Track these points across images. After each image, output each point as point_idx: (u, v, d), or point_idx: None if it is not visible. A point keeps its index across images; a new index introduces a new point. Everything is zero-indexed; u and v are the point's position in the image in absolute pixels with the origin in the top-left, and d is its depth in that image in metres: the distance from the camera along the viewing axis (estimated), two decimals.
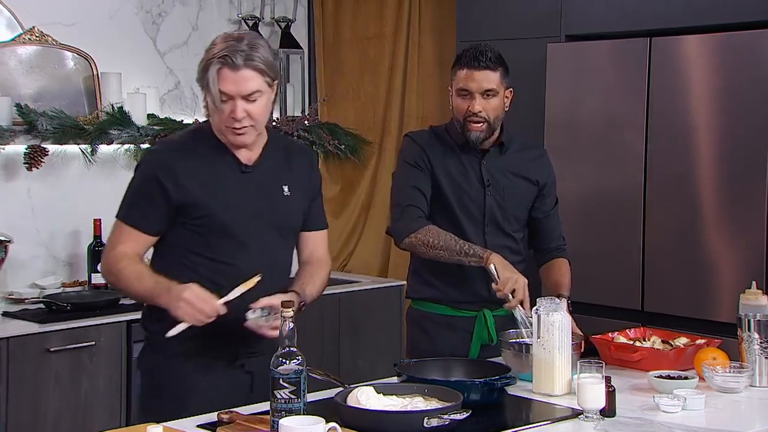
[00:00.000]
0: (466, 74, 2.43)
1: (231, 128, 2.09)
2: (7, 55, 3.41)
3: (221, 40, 2.11)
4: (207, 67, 2.07)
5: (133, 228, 2.12)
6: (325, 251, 2.34)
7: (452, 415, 1.83)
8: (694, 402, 2.06)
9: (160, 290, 2.05)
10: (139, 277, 2.08)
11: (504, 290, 2.34)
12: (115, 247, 2.12)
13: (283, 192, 2.20)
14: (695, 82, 3.02)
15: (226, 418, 1.91)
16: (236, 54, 2.05)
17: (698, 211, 3.01)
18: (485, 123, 2.45)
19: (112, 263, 2.12)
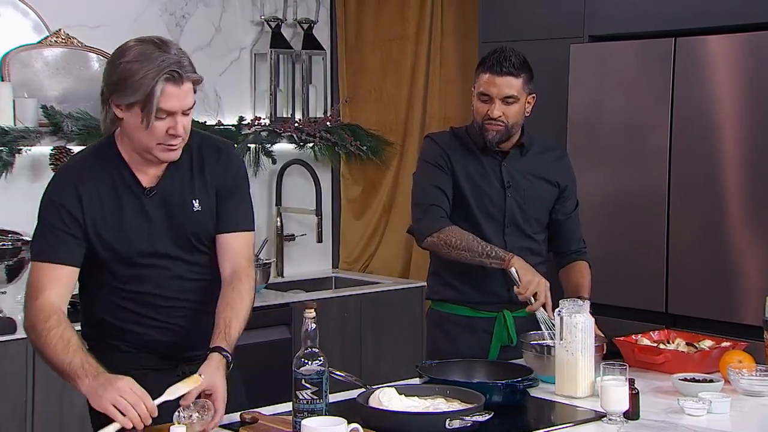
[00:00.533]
0: (488, 79, 2.43)
1: (166, 145, 1.93)
2: (33, 58, 3.45)
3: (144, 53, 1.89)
4: (144, 84, 1.86)
5: (50, 263, 1.92)
6: (246, 260, 2.06)
7: (474, 417, 1.82)
8: (720, 405, 2.04)
9: (86, 372, 1.81)
10: (67, 346, 1.85)
11: (526, 293, 2.34)
12: (38, 295, 1.90)
13: (193, 207, 2.01)
14: (720, 83, 2.99)
15: (249, 418, 1.92)
16: (180, 67, 1.89)
17: (723, 212, 2.99)
18: (503, 126, 2.45)
19: (36, 317, 1.88)
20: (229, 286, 2.04)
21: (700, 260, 3.04)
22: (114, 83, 1.91)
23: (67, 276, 1.94)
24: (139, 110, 1.89)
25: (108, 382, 1.79)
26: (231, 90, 3.98)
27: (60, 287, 1.93)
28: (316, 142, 4.08)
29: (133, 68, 1.88)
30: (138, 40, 1.95)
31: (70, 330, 1.89)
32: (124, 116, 1.93)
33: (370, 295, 3.84)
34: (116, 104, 1.92)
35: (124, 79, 1.89)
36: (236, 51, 4.00)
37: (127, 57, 1.90)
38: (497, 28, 3.58)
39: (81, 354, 1.85)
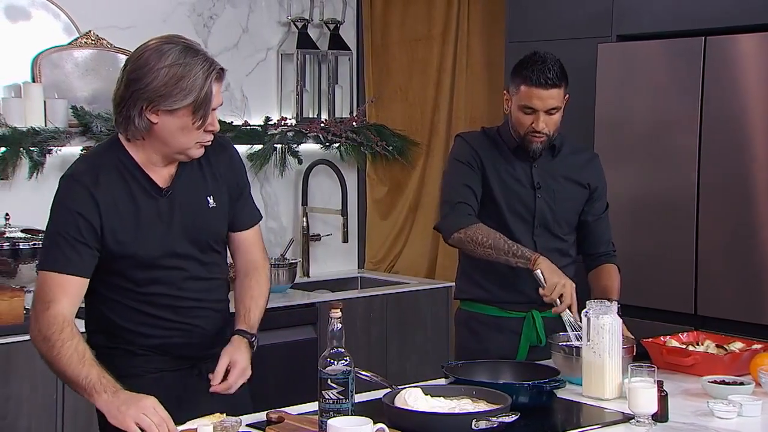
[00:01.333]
0: (532, 92, 2.40)
1: (202, 142, 1.94)
2: (64, 59, 3.49)
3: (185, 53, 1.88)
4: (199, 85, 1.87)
5: (62, 274, 1.87)
6: (260, 251, 2.12)
7: (501, 418, 1.82)
8: (751, 408, 2.02)
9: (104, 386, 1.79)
10: (83, 360, 1.82)
11: (551, 296, 2.32)
12: (49, 306, 1.85)
13: (208, 204, 2.01)
14: (751, 82, 2.95)
15: (275, 417, 1.92)
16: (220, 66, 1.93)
17: (753, 212, 2.95)
18: (546, 137, 2.45)
19: (49, 329, 1.84)
20: (246, 277, 2.09)
21: (729, 261, 3.00)
22: (157, 89, 1.86)
23: (78, 287, 1.90)
24: (189, 111, 1.88)
25: (131, 400, 1.77)
26: (257, 90, 4.00)
27: (71, 298, 1.89)
28: (342, 143, 4.09)
29: (180, 72, 1.87)
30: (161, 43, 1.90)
31: (83, 343, 1.86)
32: (161, 121, 1.89)
33: (396, 296, 3.84)
34: (156, 110, 1.88)
35: (174, 83, 1.86)
36: (263, 51, 4.02)
37: (167, 62, 1.87)
38: (524, 28, 3.57)
39: (97, 369, 1.82)
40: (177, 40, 1.93)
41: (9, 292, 2.97)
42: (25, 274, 3.09)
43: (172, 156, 1.96)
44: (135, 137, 1.94)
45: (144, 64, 1.88)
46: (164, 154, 1.96)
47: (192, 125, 1.90)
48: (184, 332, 2.00)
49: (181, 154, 1.96)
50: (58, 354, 1.83)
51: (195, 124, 1.90)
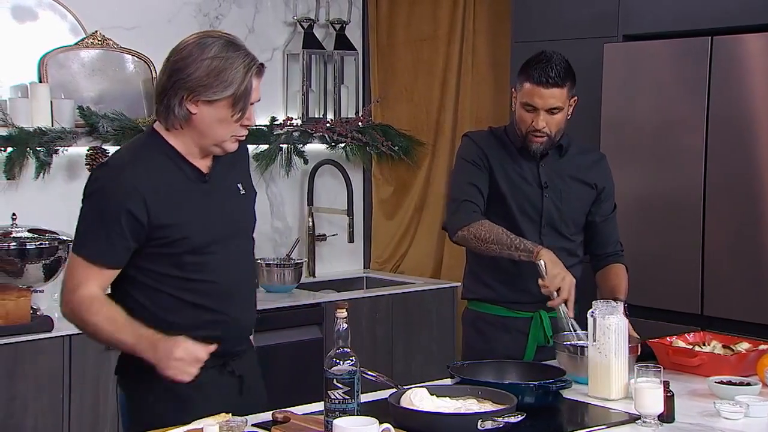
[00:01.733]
0: (534, 90, 2.40)
1: (237, 136, 2.00)
2: (70, 59, 3.50)
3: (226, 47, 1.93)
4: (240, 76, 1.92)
5: (96, 265, 1.92)
6: None
7: (506, 418, 1.82)
8: (758, 409, 2.01)
9: (144, 346, 1.89)
10: (116, 327, 1.91)
11: (550, 287, 2.32)
12: (77, 288, 1.92)
13: (240, 192, 2.09)
14: (758, 83, 2.94)
15: (281, 417, 1.92)
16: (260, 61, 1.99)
17: (759, 212, 2.94)
18: (547, 137, 2.44)
19: (80, 307, 1.92)
20: None
21: (736, 261, 2.99)
22: (199, 79, 1.91)
23: (107, 276, 1.96)
24: (229, 103, 1.93)
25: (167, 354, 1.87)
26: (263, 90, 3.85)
27: (99, 283, 1.95)
28: (348, 143, 4.09)
29: (222, 64, 1.92)
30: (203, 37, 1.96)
31: (113, 309, 1.93)
32: (200, 111, 1.94)
33: (402, 296, 3.84)
34: (195, 101, 1.93)
35: (215, 75, 1.91)
36: (269, 51, 4.02)
37: (210, 54, 1.92)
38: (530, 28, 3.56)
39: (131, 328, 1.91)
40: (218, 34, 1.99)
41: (16, 292, 2.98)
42: (31, 274, 3.10)
43: (208, 148, 2.01)
44: (174, 126, 1.98)
45: (187, 55, 1.93)
46: (201, 145, 2.00)
47: (230, 118, 1.95)
48: (221, 323, 2.02)
49: (217, 146, 2.00)
50: (93, 330, 1.94)
51: (233, 117, 1.95)
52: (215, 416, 1.84)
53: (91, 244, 1.94)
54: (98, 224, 1.93)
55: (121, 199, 1.92)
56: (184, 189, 1.99)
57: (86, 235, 1.95)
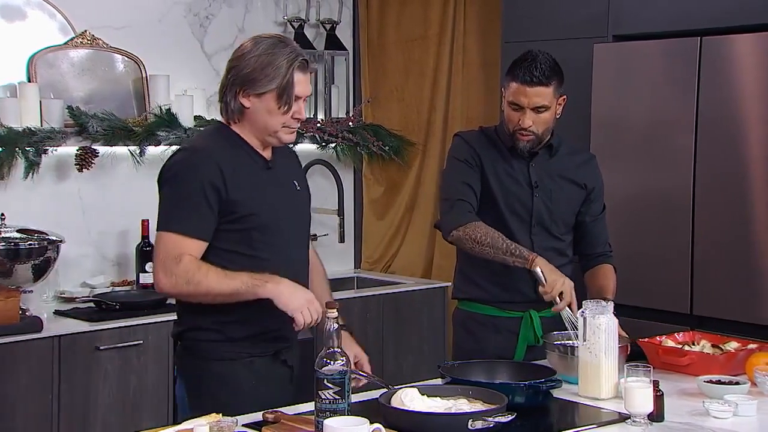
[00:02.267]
0: (519, 89, 2.42)
1: (289, 128, 2.17)
2: (59, 59, 3.48)
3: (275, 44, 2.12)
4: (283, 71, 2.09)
5: (192, 239, 2.06)
6: (313, 251, 2.37)
7: (497, 418, 1.82)
8: (746, 408, 2.02)
9: (261, 280, 2.04)
10: (228, 275, 2.05)
11: (551, 293, 2.33)
12: (181, 258, 2.05)
13: (296, 187, 2.27)
14: (747, 83, 2.96)
15: (271, 417, 1.92)
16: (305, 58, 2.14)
17: (749, 212, 2.96)
18: (533, 135, 2.45)
19: (188, 272, 2.04)
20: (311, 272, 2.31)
21: (725, 261, 3.01)
22: (246, 75, 2.10)
23: (199, 248, 2.08)
24: (274, 96, 2.11)
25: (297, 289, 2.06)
26: None
27: (196, 254, 2.08)
28: (339, 143, 4.08)
29: (267, 60, 2.10)
30: (257, 37, 2.16)
31: (218, 267, 2.06)
32: (252, 104, 2.12)
33: (392, 295, 3.84)
34: (247, 94, 2.11)
35: (261, 69, 2.10)
36: None
37: (257, 51, 2.11)
38: (520, 28, 3.57)
39: (244, 274, 2.05)
40: (272, 34, 2.19)
41: (5, 293, 2.96)
42: (21, 275, 3.08)
43: (265, 139, 2.17)
44: (233, 120, 2.17)
45: (240, 54, 2.14)
46: (258, 137, 2.17)
47: (278, 110, 2.12)
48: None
49: (272, 137, 2.17)
50: (207, 285, 2.05)
51: (280, 109, 2.12)
52: (206, 416, 1.84)
53: (181, 219, 2.07)
54: (184, 201, 2.08)
55: (202, 173, 2.08)
56: (252, 171, 2.16)
57: (173, 213, 2.09)
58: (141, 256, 3.49)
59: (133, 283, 3.54)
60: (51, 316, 3.18)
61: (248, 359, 2.14)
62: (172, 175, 2.11)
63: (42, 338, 2.96)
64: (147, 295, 3.38)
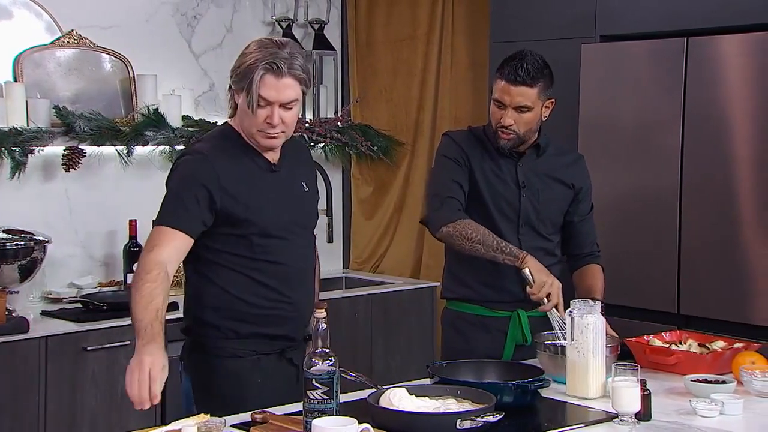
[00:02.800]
0: (503, 87, 2.43)
1: (264, 132, 2.14)
2: (46, 58, 3.47)
3: (262, 45, 2.12)
4: (249, 71, 2.09)
5: (172, 228, 2.08)
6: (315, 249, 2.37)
7: (485, 417, 1.82)
8: (733, 407, 2.03)
9: (142, 335, 1.98)
10: (147, 306, 2.00)
11: (539, 294, 2.33)
12: (152, 249, 2.07)
13: (304, 188, 2.26)
14: (733, 83, 2.97)
15: (260, 418, 1.92)
16: (280, 61, 2.08)
17: (735, 212, 2.97)
18: (514, 135, 2.46)
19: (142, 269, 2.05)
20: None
21: (712, 261, 3.02)
22: (233, 69, 2.14)
23: (181, 241, 2.08)
24: (244, 95, 2.11)
25: (139, 359, 1.95)
26: None
27: (173, 249, 2.07)
28: (327, 143, 4.08)
29: (246, 59, 2.11)
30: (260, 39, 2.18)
31: (160, 290, 2.01)
32: (240, 101, 2.14)
33: (381, 295, 3.84)
34: (236, 92, 2.15)
35: (238, 66, 2.12)
36: None
37: (248, 49, 2.13)
38: (508, 28, 3.58)
39: (151, 317, 1.99)
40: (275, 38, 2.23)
41: None
42: (7, 275, 3.07)
43: (250, 140, 2.17)
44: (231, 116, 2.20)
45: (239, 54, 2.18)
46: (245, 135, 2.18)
47: (248, 111, 2.11)
48: (285, 304, 2.16)
49: (252, 139, 2.17)
50: (135, 291, 2.03)
51: (250, 111, 2.10)
52: (194, 416, 1.84)
53: (168, 213, 2.11)
54: (177, 198, 2.12)
55: (199, 178, 2.11)
56: (255, 176, 2.16)
57: (165, 208, 2.13)
58: (128, 256, 3.48)
59: (120, 284, 3.53)
60: (38, 316, 3.17)
61: (255, 357, 2.16)
62: (172, 178, 2.17)
63: (29, 339, 2.94)
64: None
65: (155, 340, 1.97)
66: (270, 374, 2.17)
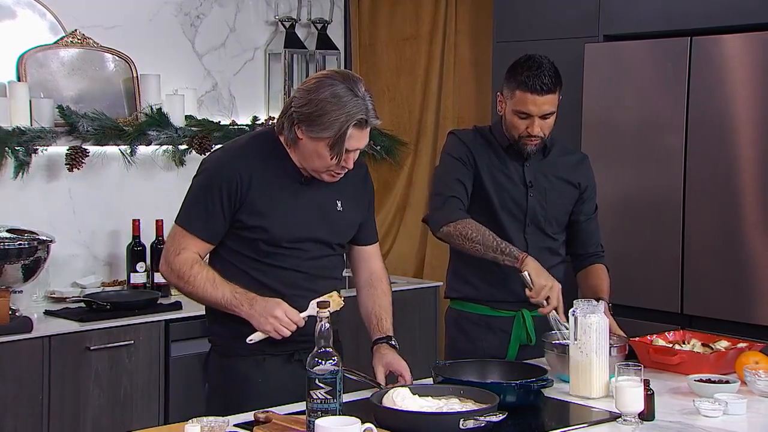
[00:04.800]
0: (528, 99, 2.40)
1: (334, 173, 2.14)
2: (50, 58, 3.47)
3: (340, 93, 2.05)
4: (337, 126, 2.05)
5: (198, 239, 2.14)
6: (381, 265, 2.36)
7: (488, 417, 1.82)
8: (736, 406, 2.03)
9: (240, 301, 2.09)
10: (214, 284, 2.12)
11: (538, 297, 2.33)
12: (179, 252, 2.14)
13: (336, 207, 2.22)
14: (737, 83, 2.97)
15: (263, 417, 1.92)
16: (367, 113, 2.08)
17: (739, 212, 2.97)
18: (541, 140, 2.46)
19: (181, 268, 2.13)
20: (370, 287, 2.33)
21: (715, 261, 3.02)
22: (305, 114, 2.08)
23: (205, 248, 2.17)
24: (326, 145, 2.08)
25: (265, 311, 2.07)
26: (245, 90, 3.99)
27: (197, 252, 2.16)
28: None
29: (326, 108, 2.06)
30: (330, 77, 2.10)
31: (212, 271, 2.14)
32: (304, 139, 2.10)
33: None
34: (302, 130, 2.09)
35: (318, 115, 2.07)
36: (250, 51, 4.01)
37: (321, 94, 2.07)
38: (511, 28, 3.57)
39: (228, 287, 2.11)
40: (344, 77, 2.11)
41: None
42: (10, 275, 3.07)
43: (307, 170, 2.16)
44: (285, 142, 2.17)
45: (308, 88, 2.11)
46: (301, 165, 2.16)
47: (328, 158, 2.10)
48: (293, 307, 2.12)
49: (315, 173, 2.16)
50: (193, 286, 2.13)
51: (331, 158, 2.10)
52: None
53: (191, 217, 2.15)
54: (200, 200, 2.14)
55: (218, 178, 2.12)
56: (280, 184, 2.15)
57: (189, 209, 2.17)
58: (132, 256, 3.48)
59: (123, 283, 3.53)
60: (41, 316, 3.17)
61: (260, 357, 2.17)
62: (200, 171, 2.19)
63: (32, 338, 2.94)
64: (138, 295, 3.37)
65: (254, 297, 2.08)
66: (274, 375, 2.17)
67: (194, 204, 2.16)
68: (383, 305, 2.31)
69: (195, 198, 2.16)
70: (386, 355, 2.21)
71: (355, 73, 2.20)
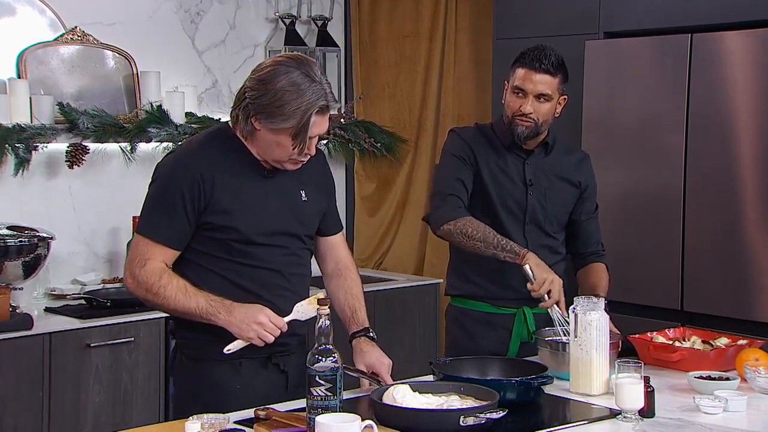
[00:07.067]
0: (525, 74, 2.43)
1: (297, 160, 2.07)
2: (49, 55, 3.47)
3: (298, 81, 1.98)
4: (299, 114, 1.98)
5: (163, 246, 2.04)
6: (347, 254, 2.30)
7: (488, 414, 1.82)
8: (736, 403, 2.03)
9: (217, 309, 2.01)
10: (187, 294, 2.02)
11: (540, 291, 2.33)
12: (145, 263, 2.04)
13: (301, 197, 2.15)
14: (737, 80, 2.97)
15: (263, 414, 1.92)
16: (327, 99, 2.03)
17: (739, 210, 2.97)
18: (532, 123, 2.45)
19: (149, 279, 2.03)
20: (339, 277, 2.25)
21: (716, 258, 3.02)
22: (262, 105, 2.00)
23: (170, 254, 2.06)
24: (288, 135, 2.01)
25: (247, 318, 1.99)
26: None
27: (166, 260, 2.06)
28: (330, 139, 4.08)
29: (285, 98, 1.99)
30: (283, 63, 2.01)
31: (182, 279, 2.04)
32: (262, 131, 2.03)
33: (384, 292, 3.84)
34: (260, 122, 2.02)
35: (277, 106, 1.99)
36: (250, 48, 4.01)
37: (278, 83, 1.99)
38: (512, 25, 3.57)
39: (202, 295, 2.02)
40: (298, 61, 2.03)
41: None
42: (11, 272, 3.07)
43: (268, 162, 2.09)
44: (242, 135, 2.09)
45: (262, 78, 2.02)
46: (261, 157, 2.09)
47: (290, 147, 2.03)
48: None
49: (276, 163, 2.08)
50: (164, 298, 2.03)
51: (294, 149, 2.03)
52: (311, 298, 1.95)
53: (154, 225, 2.06)
54: (161, 207, 2.05)
55: (182, 179, 2.03)
56: (242, 180, 2.07)
57: (150, 217, 2.07)
58: None
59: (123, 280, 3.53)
60: (41, 313, 3.17)
61: (236, 361, 2.08)
62: (157, 176, 2.09)
63: (32, 336, 2.95)
64: None
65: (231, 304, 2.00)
66: (251, 379, 2.08)
67: (155, 211, 2.06)
68: (355, 294, 2.24)
69: (155, 205, 2.06)
70: (367, 354, 2.15)
71: (306, 56, 2.11)
